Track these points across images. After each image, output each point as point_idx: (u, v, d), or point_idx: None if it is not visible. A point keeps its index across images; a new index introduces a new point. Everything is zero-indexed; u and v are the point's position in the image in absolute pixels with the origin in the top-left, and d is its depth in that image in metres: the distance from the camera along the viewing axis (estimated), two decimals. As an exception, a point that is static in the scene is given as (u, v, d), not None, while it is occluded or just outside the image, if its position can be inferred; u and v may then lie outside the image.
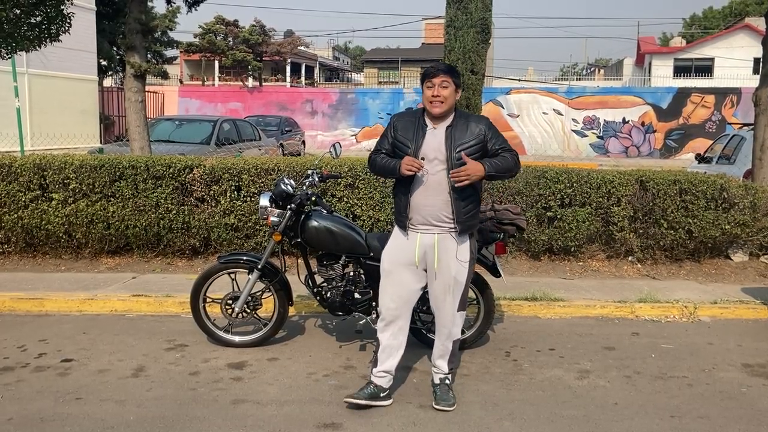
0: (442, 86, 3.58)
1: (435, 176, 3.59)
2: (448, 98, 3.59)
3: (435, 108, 3.61)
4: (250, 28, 33.92)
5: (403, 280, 3.73)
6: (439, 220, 3.62)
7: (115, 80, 31.58)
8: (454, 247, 3.66)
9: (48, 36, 7.54)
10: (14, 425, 3.47)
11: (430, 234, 3.65)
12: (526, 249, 6.86)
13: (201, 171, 6.61)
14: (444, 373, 3.83)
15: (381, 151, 3.77)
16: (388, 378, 3.78)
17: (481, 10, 8.06)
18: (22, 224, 6.59)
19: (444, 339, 3.81)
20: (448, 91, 3.59)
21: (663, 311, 5.59)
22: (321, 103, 27.92)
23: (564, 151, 25.47)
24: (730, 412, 3.76)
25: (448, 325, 3.78)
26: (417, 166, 3.50)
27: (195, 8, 10.25)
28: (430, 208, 3.61)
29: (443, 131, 3.63)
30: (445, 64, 3.72)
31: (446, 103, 3.60)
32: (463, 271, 3.70)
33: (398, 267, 3.73)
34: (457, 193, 3.57)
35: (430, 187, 3.60)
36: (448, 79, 3.59)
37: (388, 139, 3.75)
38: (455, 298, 3.73)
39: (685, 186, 6.66)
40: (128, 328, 5.09)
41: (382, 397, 3.75)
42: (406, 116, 3.78)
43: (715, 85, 28.45)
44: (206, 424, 3.52)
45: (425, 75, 3.64)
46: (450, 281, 3.69)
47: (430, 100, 3.62)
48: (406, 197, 3.64)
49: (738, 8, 49.60)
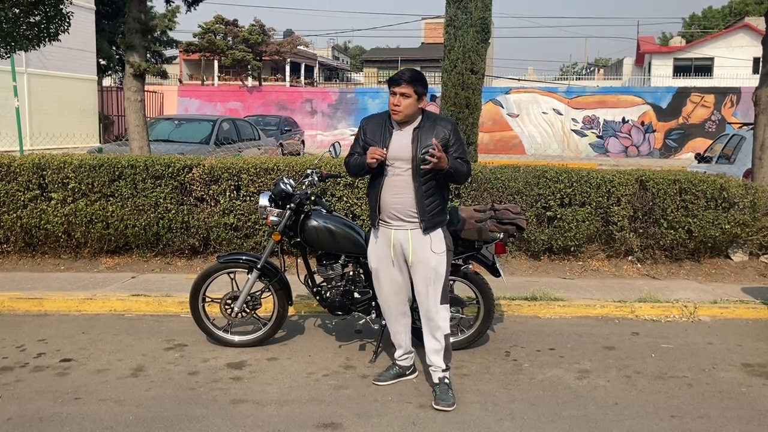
0: (403, 96, 3.70)
1: (401, 176, 3.75)
2: (406, 108, 3.72)
3: (394, 116, 3.77)
4: (250, 27, 33.90)
5: (389, 274, 3.95)
6: (408, 216, 3.78)
7: (115, 80, 31.57)
8: (428, 240, 3.80)
9: (47, 35, 7.53)
10: (13, 425, 3.46)
11: (402, 230, 3.81)
12: (525, 249, 6.86)
13: (200, 170, 6.60)
14: (441, 369, 3.88)
15: (354, 154, 3.95)
16: (410, 357, 4.14)
17: (480, 10, 8.04)
18: (21, 224, 6.59)
19: (433, 332, 3.89)
20: (409, 101, 3.71)
21: (663, 311, 5.59)
22: (320, 102, 27.92)
23: (564, 151, 25.47)
24: (730, 411, 3.76)
25: (434, 317, 3.86)
26: (380, 154, 3.67)
27: (194, 7, 10.24)
28: (399, 206, 3.77)
29: (410, 133, 3.77)
30: (410, 73, 3.73)
31: (404, 112, 3.73)
32: (442, 262, 3.83)
33: (381, 263, 3.94)
34: (422, 192, 3.72)
35: (397, 186, 3.76)
36: (410, 89, 3.69)
37: (359, 142, 3.92)
38: (437, 290, 3.84)
39: (685, 185, 6.66)
40: (127, 327, 5.08)
41: (407, 374, 4.13)
42: (374, 119, 3.96)
43: (715, 84, 28.45)
44: (205, 424, 3.51)
45: (390, 81, 3.77)
46: (430, 273, 3.82)
47: (391, 108, 3.77)
48: (376, 196, 3.83)
49: (738, 8, 49.60)
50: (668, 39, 48.54)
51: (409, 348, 4.13)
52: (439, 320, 3.86)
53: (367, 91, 29.38)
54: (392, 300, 4.01)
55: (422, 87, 3.74)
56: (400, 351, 4.11)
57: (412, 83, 3.69)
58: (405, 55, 44.43)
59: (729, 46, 34.82)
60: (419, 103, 3.75)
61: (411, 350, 4.15)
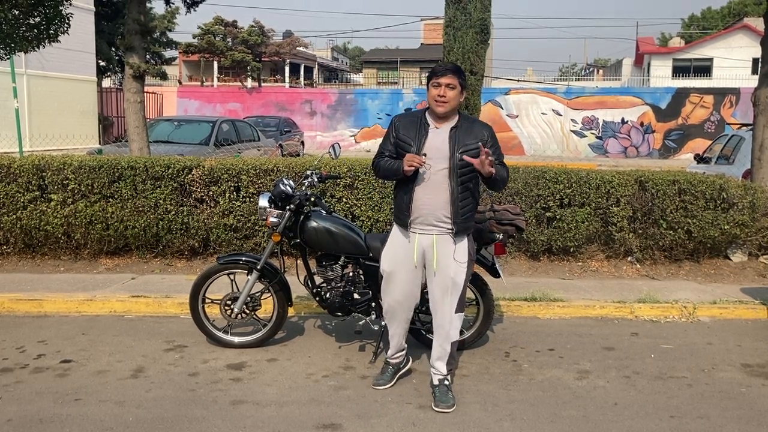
0: (448, 87, 3.60)
1: (435, 176, 3.62)
2: (453, 99, 3.62)
3: (439, 107, 3.63)
4: (249, 28, 33.91)
5: (403, 280, 3.81)
6: (438, 219, 3.66)
7: (114, 81, 31.55)
8: (452, 248, 3.69)
9: (47, 37, 7.54)
10: (13, 426, 3.47)
11: (428, 235, 3.69)
12: (525, 249, 6.86)
13: (200, 172, 6.60)
14: (442, 374, 3.85)
15: (384, 154, 3.79)
16: (402, 354, 4.10)
17: (480, 11, 8.05)
18: (20, 225, 6.59)
19: (442, 341, 3.82)
20: (454, 92, 3.61)
21: (662, 311, 5.59)
22: (320, 103, 27.93)
23: (563, 152, 25.48)
24: (729, 412, 3.76)
25: (446, 326, 3.79)
26: (418, 162, 3.53)
27: (194, 9, 10.25)
28: (431, 207, 3.64)
29: (447, 132, 3.65)
30: (453, 64, 3.72)
31: (450, 103, 3.62)
32: (462, 272, 3.73)
33: (398, 267, 3.80)
34: (457, 193, 3.60)
35: (430, 186, 3.63)
36: (455, 80, 3.60)
37: (390, 140, 3.78)
38: (453, 300, 3.76)
39: (684, 186, 6.66)
40: (127, 329, 5.08)
41: (402, 367, 4.11)
42: (408, 116, 3.81)
43: (714, 85, 28.46)
44: (205, 424, 3.51)
45: (432, 73, 3.65)
46: (448, 282, 3.72)
47: (435, 99, 3.63)
48: (408, 196, 3.68)
49: (737, 8, 49.64)
50: (667, 40, 48.56)
51: (402, 346, 4.07)
52: (451, 329, 3.80)
53: (366, 92, 29.39)
54: (401, 305, 3.89)
55: (465, 79, 3.67)
56: (393, 350, 4.07)
57: (456, 74, 3.61)
58: (404, 56, 44.44)
59: (728, 47, 34.84)
60: (461, 97, 3.67)
61: (404, 347, 4.09)
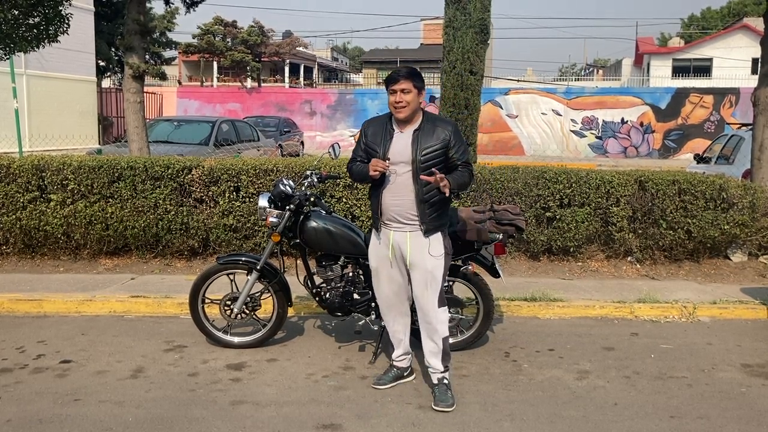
0: (403, 92, 3.69)
1: (401, 177, 3.74)
2: (411, 102, 3.71)
3: (398, 113, 3.74)
4: (249, 28, 33.90)
5: (388, 274, 3.95)
6: (407, 219, 3.77)
7: (114, 81, 31.54)
8: (426, 243, 3.79)
9: (46, 37, 7.54)
10: (13, 427, 3.46)
11: (401, 231, 3.81)
12: (525, 249, 6.86)
13: (200, 172, 6.60)
14: (440, 371, 3.88)
15: (356, 159, 3.94)
16: (407, 358, 4.12)
17: (479, 11, 8.05)
18: (20, 225, 6.59)
19: (431, 335, 3.89)
20: (411, 95, 3.71)
21: (662, 311, 5.59)
22: (320, 103, 27.92)
23: (563, 152, 25.48)
24: (729, 412, 3.76)
25: (432, 321, 3.86)
26: (382, 166, 3.66)
27: (193, 9, 10.25)
28: (398, 207, 3.77)
29: (410, 135, 3.76)
30: (406, 69, 3.77)
31: (409, 107, 3.72)
32: (439, 266, 3.82)
33: (381, 263, 3.95)
34: (422, 195, 3.70)
35: (396, 188, 3.76)
36: (410, 84, 3.69)
37: (360, 145, 3.92)
38: (434, 294, 3.84)
39: (684, 186, 6.66)
40: (127, 329, 5.08)
41: (405, 375, 4.10)
42: (375, 122, 3.93)
43: (714, 85, 28.46)
44: (205, 425, 3.51)
45: (387, 80, 3.77)
46: (427, 276, 3.81)
47: (393, 106, 3.74)
48: (377, 199, 3.83)
49: (736, 8, 49.65)
50: (667, 40, 48.57)
51: (407, 349, 4.12)
52: (437, 323, 3.85)
53: (366, 92, 29.38)
54: (391, 299, 4.01)
55: (420, 81, 3.74)
56: (398, 351, 4.11)
57: (410, 78, 3.69)
58: (404, 56, 44.42)
59: (728, 47, 34.85)
60: (419, 98, 3.74)
61: (409, 351, 4.14)
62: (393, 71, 3.79)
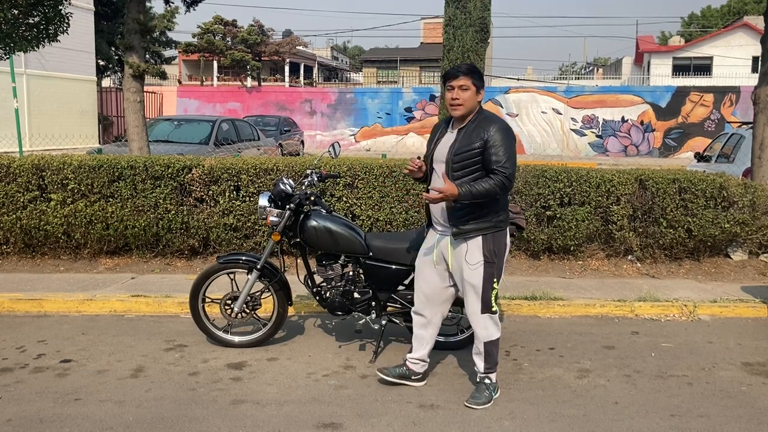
0: (461, 89, 3.59)
1: (438, 180, 3.65)
2: (468, 101, 3.60)
3: (455, 111, 3.63)
4: (249, 28, 33.90)
5: (428, 277, 3.89)
6: (444, 221, 3.73)
7: (114, 80, 31.57)
8: (464, 249, 3.69)
9: (46, 36, 7.54)
10: (13, 426, 3.46)
11: (444, 235, 3.76)
12: (525, 248, 6.86)
13: (200, 171, 6.60)
14: (480, 372, 3.85)
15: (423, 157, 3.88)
16: (421, 365, 3.99)
17: (479, 9, 8.05)
18: (20, 225, 6.58)
19: (477, 340, 3.82)
20: (469, 93, 3.59)
21: (663, 310, 5.59)
22: (320, 102, 27.92)
23: (563, 151, 25.48)
24: (730, 410, 3.76)
25: (474, 326, 3.81)
26: (411, 165, 3.64)
27: (193, 8, 10.26)
28: (434, 210, 3.76)
29: (455, 134, 3.66)
30: (466, 65, 3.68)
31: (466, 105, 3.60)
32: (473, 274, 3.68)
33: (424, 263, 3.91)
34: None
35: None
36: (468, 81, 3.59)
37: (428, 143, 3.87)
38: (475, 300, 3.73)
39: (685, 185, 6.66)
40: (127, 328, 5.08)
41: (413, 379, 3.99)
42: (443, 120, 3.86)
43: (714, 83, 28.46)
44: (206, 424, 3.51)
45: (446, 76, 3.65)
46: (465, 284, 3.73)
47: (450, 103, 3.63)
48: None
49: (737, 7, 49.64)
50: (667, 38, 48.55)
51: (423, 356, 3.99)
52: (479, 328, 3.77)
53: (366, 91, 29.37)
54: (423, 302, 3.93)
55: (480, 80, 3.62)
56: (415, 354, 3.98)
57: (469, 74, 3.59)
58: (404, 55, 44.42)
59: (728, 45, 34.83)
60: (478, 97, 3.62)
61: (426, 359, 4.01)
62: (452, 66, 3.68)
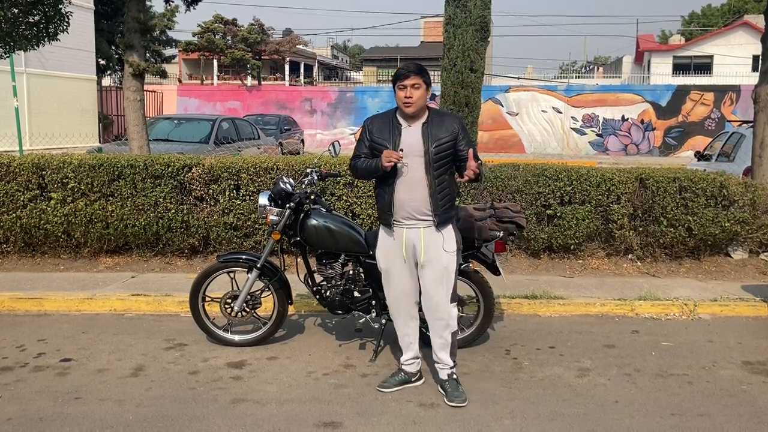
0: (413, 87, 3.70)
1: (413, 172, 3.73)
2: (420, 98, 3.73)
3: (408, 108, 3.74)
4: (249, 26, 33.89)
5: (399, 274, 3.90)
6: (422, 213, 3.76)
7: (114, 79, 31.54)
8: (441, 239, 3.78)
9: (46, 35, 7.53)
10: (13, 425, 3.46)
11: (415, 228, 3.78)
12: (525, 247, 6.85)
13: (200, 170, 6.60)
14: (450, 366, 3.88)
15: (360, 156, 3.89)
16: (416, 363, 4.04)
17: (480, 8, 8.04)
18: (20, 224, 6.58)
19: (441, 331, 3.88)
20: (420, 91, 3.72)
21: (663, 309, 5.58)
22: (320, 101, 27.90)
23: (563, 149, 25.47)
24: (730, 409, 3.76)
25: (444, 317, 3.86)
26: (396, 157, 3.65)
27: (193, 7, 10.24)
28: (413, 203, 3.75)
29: (419, 128, 3.76)
30: (415, 65, 3.77)
31: (417, 103, 3.73)
32: (453, 261, 3.83)
33: (393, 263, 3.90)
34: (434, 187, 3.71)
35: (408, 182, 3.73)
36: (419, 80, 3.71)
37: (365, 143, 3.88)
38: (447, 290, 3.84)
39: (685, 183, 6.65)
40: (127, 327, 5.08)
41: (413, 380, 4.02)
42: (379, 118, 3.93)
43: (715, 82, 28.44)
44: (206, 423, 3.51)
45: (397, 76, 3.76)
46: (442, 272, 3.81)
47: (403, 101, 3.74)
48: (388, 195, 3.78)
49: (737, 6, 49.61)
50: (668, 37, 48.51)
51: (416, 353, 4.03)
52: (450, 319, 3.86)
53: (366, 90, 29.36)
54: (402, 301, 3.95)
55: (428, 77, 3.77)
56: (407, 355, 4.03)
57: (419, 74, 3.71)
58: (404, 53, 44.38)
59: (728, 44, 34.80)
60: (427, 94, 3.77)
61: (418, 355, 4.05)
62: (401, 67, 3.78)
